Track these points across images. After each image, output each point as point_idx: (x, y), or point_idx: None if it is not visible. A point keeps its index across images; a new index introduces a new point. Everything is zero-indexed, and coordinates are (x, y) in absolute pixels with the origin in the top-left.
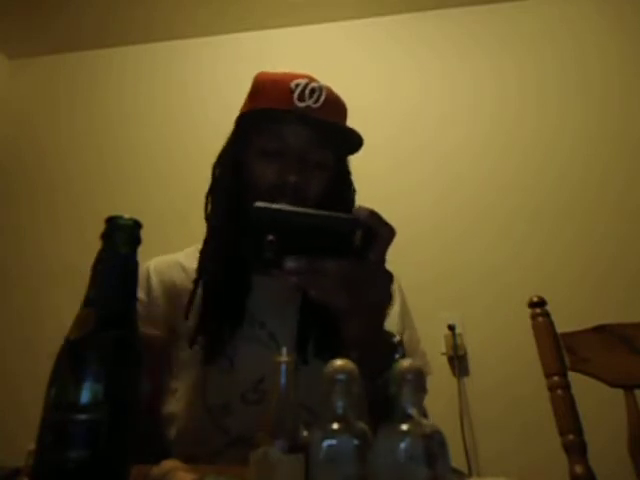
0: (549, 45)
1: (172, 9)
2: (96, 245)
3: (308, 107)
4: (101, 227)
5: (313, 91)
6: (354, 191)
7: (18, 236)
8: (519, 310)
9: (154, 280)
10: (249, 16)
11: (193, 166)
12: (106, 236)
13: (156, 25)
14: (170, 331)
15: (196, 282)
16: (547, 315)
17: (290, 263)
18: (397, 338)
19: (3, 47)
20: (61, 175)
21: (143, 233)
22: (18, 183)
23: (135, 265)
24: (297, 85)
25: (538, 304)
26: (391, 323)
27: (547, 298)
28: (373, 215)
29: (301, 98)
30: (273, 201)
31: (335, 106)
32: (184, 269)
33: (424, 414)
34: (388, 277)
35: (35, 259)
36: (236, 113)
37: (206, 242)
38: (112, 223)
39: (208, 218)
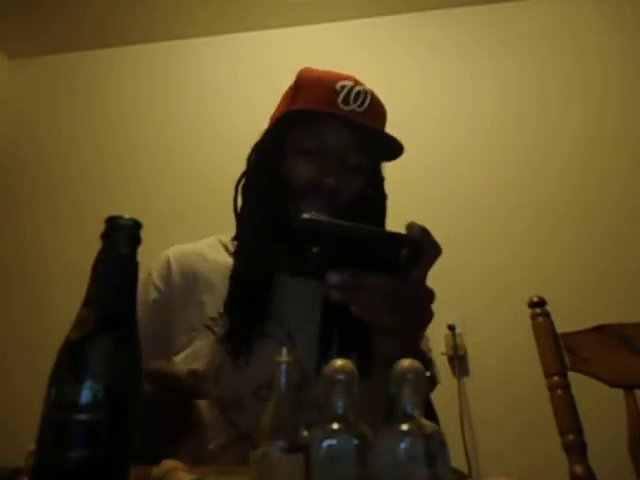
0: (549, 45)
1: (172, 9)
2: (96, 245)
3: (352, 111)
4: (101, 227)
5: (358, 95)
6: (385, 197)
7: (18, 236)
8: (519, 310)
9: (174, 269)
10: (249, 16)
11: (193, 166)
12: (106, 236)
13: (156, 25)
14: (185, 321)
15: (232, 280)
16: (547, 315)
17: (333, 277)
18: (429, 355)
19: (3, 47)
20: (61, 175)
21: (143, 233)
22: (18, 183)
23: (135, 265)
24: (343, 87)
25: (538, 304)
26: None
27: (547, 298)
28: (425, 233)
29: (346, 101)
30: (307, 201)
31: (378, 111)
32: (205, 259)
33: (432, 412)
34: (430, 296)
35: (35, 259)
36: (236, 113)
37: (242, 241)
38: (112, 223)
39: (240, 213)
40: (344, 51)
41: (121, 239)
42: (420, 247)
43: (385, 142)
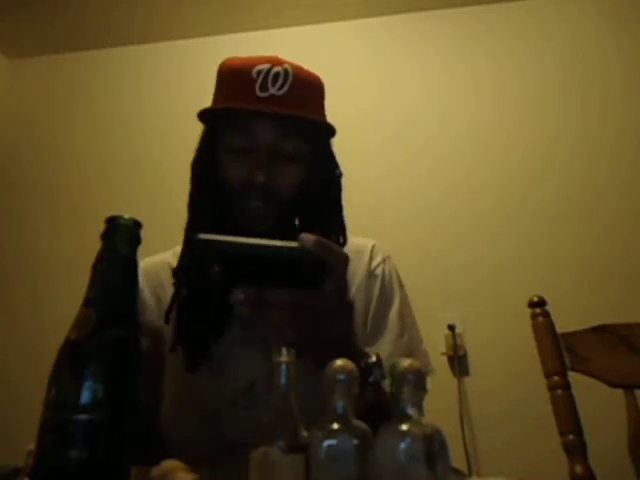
0: (550, 45)
1: (172, 9)
2: (96, 245)
3: (272, 96)
4: (101, 227)
5: (277, 77)
6: (340, 175)
7: (18, 236)
8: (519, 310)
9: (143, 283)
10: (249, 16)
11: None
12: (106, 236)
13: (156, 25)
14: (158, 335)
15: (176, 286)
16: (547, 315)
17: (238, 295)
18: (372, 359)
19: (3, 47)
20: (61, 175)
21: (143, 233)
22: (18, 183)
23: (135, 265)
24: (259, 73)
25: (538, 304)
26: (391, 326)
27: (547, 298)
28: (319, 244)
29: (264, 87)
30: (246, 198)
31: (303, 89)
32: (171, 269)
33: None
34: (348, 307)
35: (35, 259)
36: None
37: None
38: (112, 223)
39: (188, 219)
40: (344, 51)
41: (121, 239)
42: (322, 258)
43: (315, 122)
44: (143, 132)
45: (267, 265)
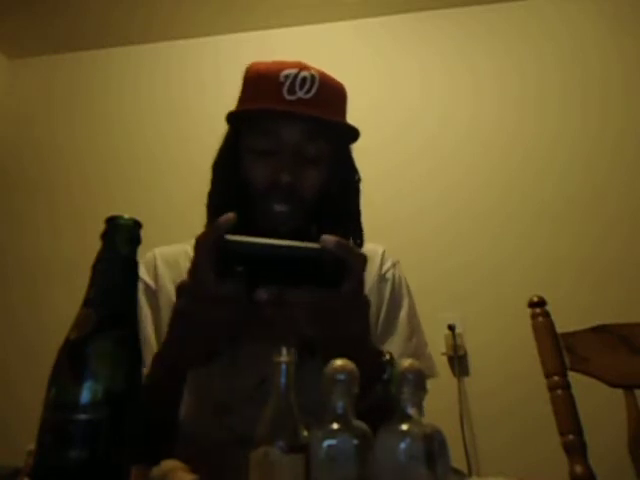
0: (550, 45)
1: (172, 9)
2: (96, 245)
3: (299, 99)
4: (101, 227)
5: (304, 81)
6: (359, 179)
7: (18, 236)
8: (519, 310)
9: (161, 268)
10: (249, 16)
11: (193, 166)
12: (106, 236)
13: (156, 25)
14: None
15: None
16: (547, 315)
17: (260, 293)
18: (387, 357)
19: (3, 47)
20: (61, 175)
21: (143, 233)
22: (18, 183)
23: (135, 265)
24: (287, 77)
25: (538, 304)
26: (400, 328)
27: (547, 298)
28: (339, 245)
29: (291, 90)
30: (270, 199)
31: (329, 94)
32: (190, 258)
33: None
34: (365, 307)
35: (35, 259)
36: None
37: None
38: (112, 223)
39: (212, 219)
40: (345, 51)
41: (121, 239)
42: (342, 259)
43: (340, 126)
44: (143, 132)
45: (289, 265)
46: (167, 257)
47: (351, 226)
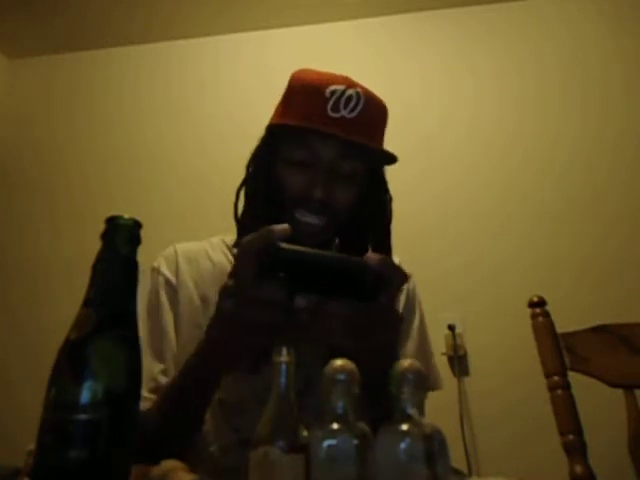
0: (550, 45)
1: (172, 9)
2: (96, 245)
3: (342, 118)
4: (101, 227)
5: (350, 100)
6: (390, 199)
7: (18, 236)
8: (519, 310)
9: (182, 264)
10: (249, 16)
11: (193, 166)
12: (106, 236)
13: (156, 25)
14: (193, 322)
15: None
16: (547, 315)
17: (300, 301)
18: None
19: (3, 47)
20: (61, 175)
21: (143, 233)
22: (18, 183)
23: (135, 265)
24: (333, 93)
25: (538, 304)
26: (413, 336)
27: (547, 298)
28: (384, 262)
29: (336, 108)
30: (302, 210)
31: (372, 115)
32: (210, 259)
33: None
34: (397, 321)
35: (35, 259)
36: (236, 113)
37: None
38: (112, 223)
39: (240, 219)
40: (344, 51)
41: (121, 239)
42: (383, 275)
43: (378, 150)
44: (143, 132)
45: (330, 276)
46: (188, 254)
47: (381, 245)
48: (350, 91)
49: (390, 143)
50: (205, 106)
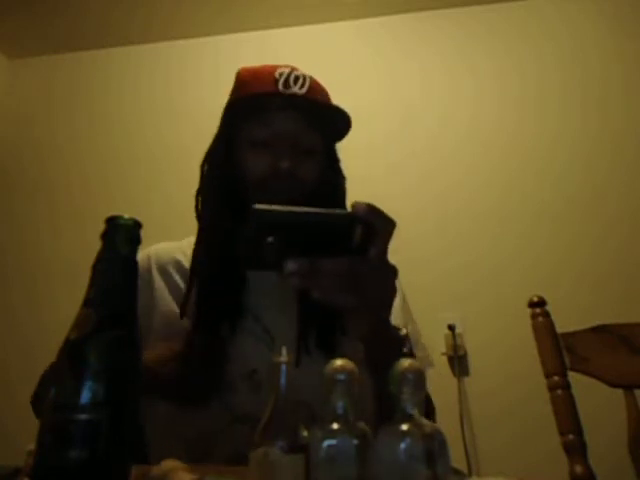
0: (550, 45)
1: (172, 9)
2: (96, 245)
3: (294, 94)
4: (101, 227)
5: (297, 79)
6: (344, 178)
7: (18, 236)
8: (519, 310)
9: (155, 270)
10: (249, 16)
11: (193, 166)
12: (106, 236)
13: (156, 25)
14: (168, 324)
15: (190, 280)
16: (547, 315)
17: (291, 265)
18: (404, 331)
19: (3, 47)
20: (61, 175)
21: (143, 233)
22: (18, 183)
23: (135, 265)
24: (281, 74)
25: (538, 304)
26: (395, 316)
27: (547, 298)
28: (371, 209)
29: (286, 85)
30: (268, 190)
31: (320, 92)
32: (185, 254)
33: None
34: (392, 271)
35: (35, 259)
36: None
37: (198, 241)
38: (112, 223)
39: (199, 217)
40: (345, 51)
41: (121, 239)
42: (371, 224)
43: (333, 118)
44: (143, 132)
45: (317, 234)
46: (160, 249)
47: None
48: (297, 72)
49: (390, 143)
50: (205, 106)
